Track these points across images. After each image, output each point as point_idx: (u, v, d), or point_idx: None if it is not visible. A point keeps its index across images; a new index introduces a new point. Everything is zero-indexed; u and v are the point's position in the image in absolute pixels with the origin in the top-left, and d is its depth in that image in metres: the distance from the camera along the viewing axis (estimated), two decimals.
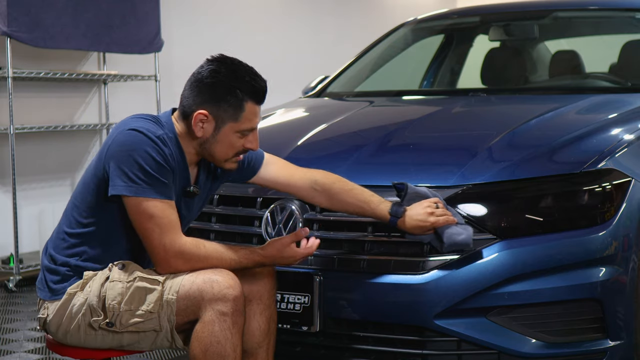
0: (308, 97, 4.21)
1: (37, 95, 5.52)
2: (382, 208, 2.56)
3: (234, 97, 2.35)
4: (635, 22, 4.14)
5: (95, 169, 2.37)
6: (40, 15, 4.99)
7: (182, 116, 2.41)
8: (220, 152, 2.41)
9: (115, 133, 2.34)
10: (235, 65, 2.39)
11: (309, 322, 2.64)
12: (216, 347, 2.24)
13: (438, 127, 3.24)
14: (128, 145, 2.29)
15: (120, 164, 2.28)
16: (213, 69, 2.36)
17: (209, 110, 2.36)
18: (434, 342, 2.55)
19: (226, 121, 2.37)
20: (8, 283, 4.91)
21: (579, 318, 2.56)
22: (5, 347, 3.77)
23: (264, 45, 7.21)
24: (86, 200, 2.39)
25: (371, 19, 8.50)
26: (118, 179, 2.29)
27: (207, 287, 2.26)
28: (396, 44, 4.50)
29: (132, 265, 2.37)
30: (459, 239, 2.49)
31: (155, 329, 2.32)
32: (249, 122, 2.40)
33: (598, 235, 2.56)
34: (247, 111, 2.38)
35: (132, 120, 2.36)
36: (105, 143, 2.37)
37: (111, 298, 2.31)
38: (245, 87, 2.36)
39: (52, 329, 2.40)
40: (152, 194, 2.28)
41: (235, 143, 2.41)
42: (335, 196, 2.60)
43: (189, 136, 2.41)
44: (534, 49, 4.49)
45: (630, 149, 2.77)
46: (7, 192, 5.27)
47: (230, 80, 2.35)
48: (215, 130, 2.38)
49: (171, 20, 6.28)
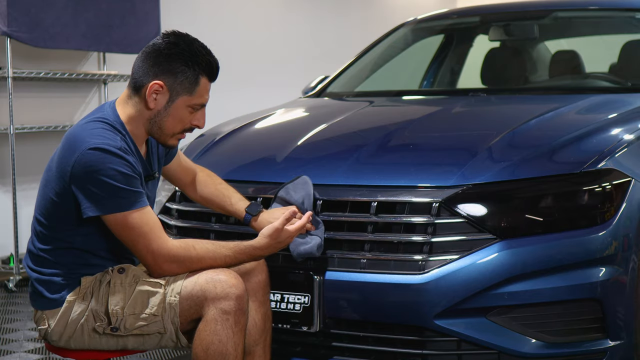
0: (308, 97, 4.21)
1: (37, 95, 5.52)
2: (240, 205, 2.68)
3: (191, 70, 2.35)
4: (635, 22, 4.14)
5: (59, 186, 2.31)
6: (40, 15, 4.99)
7: (134, 89, 2.38)
8: (169, 125, 2.40)
9: (75, 153, 2.26)
10: (191, 40, 2.38)
11: (309, 322, 2.64)
12: (217, 346, 2.24)
13: (438, 127, 3.24)
14: (93, 166, 2.24)
15: (89, 186, 2.25)
16: (170, 41, 2.35)
17: (165, 81, 2.34)
18: (434, 342, 2.55)
19: (180, 94, 2.36)
20: (8, 283, 4.91)
21: (579, 318, 2.56)
22: (5, 347, 3.77)
23: (264, 45, 7.21)
24: (54, 216, 2.35)
25: (371, 19, 8.50)
26: (90, 200, 2.26)
27: (210, 286, 2.27)
28: (396, 44, 4.50)
29: (132, 269, 2.37)
30: (302, 248, 2.58)
31: (159, 331, 2.32)
32: (201, 97, 2.39)
33: (598, 235, 2.56)
34: (201, 86, 2.38)
35: (88, 133, 2.29)
36: (64, 160, 2.29)
37: (114, 303, 2.31)
38: (202, 62, 2.36)
39: (54, 338, 2.38)
40: (127, 208, 2.27)
41: (185, 118, 2.40)
42: (204, 189, 2.73)
43: (138, 115, 2.38)
44: (534, 49, 4.49)
45: (630, 149, 2.77)
46: (7, 192, 5.27)
47: (188, 53, 2.35)
48: (168, 102, 2.37)
49: (171, 20, 6.28)
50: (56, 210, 2.34)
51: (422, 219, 2.58)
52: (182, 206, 2.97)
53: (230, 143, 3.27)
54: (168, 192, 3.08)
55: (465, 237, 2.55)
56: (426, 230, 2.58)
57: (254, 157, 3.00)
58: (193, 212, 2.95)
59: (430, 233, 2.57)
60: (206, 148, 3.22)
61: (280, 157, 2.97)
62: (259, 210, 2.68)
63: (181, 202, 3.00)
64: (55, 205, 2.34)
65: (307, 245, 2.58)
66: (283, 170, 2.89)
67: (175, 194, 3.04)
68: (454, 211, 2.57)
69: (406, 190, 2.65)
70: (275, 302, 2.66)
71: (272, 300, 2.66)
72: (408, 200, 2.62)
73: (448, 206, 2.57)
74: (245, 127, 3.43)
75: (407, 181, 2.69)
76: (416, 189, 2.65)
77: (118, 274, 2.34)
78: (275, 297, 2.66)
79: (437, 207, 2.58)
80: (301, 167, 2.92)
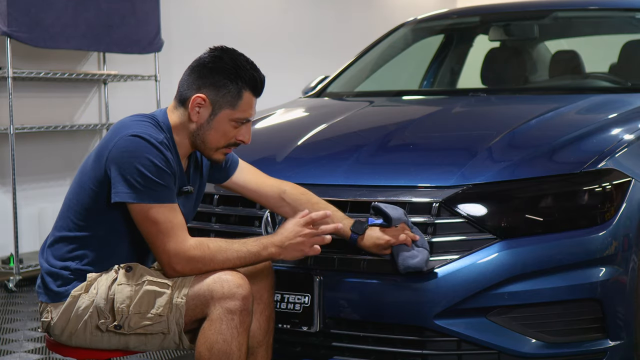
0: (308, 97, 4.21)
1: (37, 95, 5.52)
2: (344, 224, 2.57)
3: (234, 84, 2.36)
4: (635, 22, 4.14)
5: (95, 170, 2.35)
6: (40, 15, 4.99)
7: (179, 101, 2.41)
8: (212, 139, 2.40)
9: (115, 137, 2.32)
10: (237, 55, 2.41)
11: (309, 322, 2.64)
12: (222, 345, 2.25)
13: (438, 127, 3.24)
14: (130, 151, 2.28)
15: (122, 171, 2.28)
16: (215, 55, 2.38)
17: (207, 94, 2.36)
18: (434, 342, 2.55)
19: (223, 107, 2.37)
20: (8, 283, 4.91)
21: (579, 318, 2.56)
22: (5, 347, 3.77)
23: (264, 45, 7.21)
24: (84, 203, 2.37)
25: (371, 19, 8.50)
26: (120, 185, 2.28)
27: (216, 286, 2.27)
28: (396, 44, 4.50)
29: (139, 268, 2.37)
30: (411, 262, 2.50)
31: (163, 331, 2.33)
32: (244, 112, 2.40)
33: (598, 235, 2.56)
34: (244, 100, 2.38)
35: (133, 124, 2.35)
36: (104, 145, 2.35)
37: (120, 301, 2.31)
38: (246, 76, 2.37)
39: (56, 331, 2.39)
40: (155, 200, 2.28)
41: (228, 132, 2.40)
42: (301, 207, 2.57)
43: (183, 126, 2.41)
44: (534, 49, 4.49)
45: (630, 149, 2.77)
46: (7, 192, 5.27)
47: (232, 67, 2.36)
48: (211, 116, 2.38)
49: (171, 20, 6.28)
50: (88, 196, 2.36)
51: (422, 219, 2.59)
52: None
53: None
54: None
55: (466, 237, 2.55)
56: (426, 230, 2.58)
57: (254, 157, 3.00)
58: None
59: (430, 233, 2.57)
60: None
61: (281, 157, 2.97)
62: (364, 227, 2.57)
63: None
64: (86, 187, 2.36)
65: (415, 259, 2.50)
66: (283, 170, 2.89)
67: None
68: (454, 211, 2.57)
69: (406, 190, 2.65)
70: (275, 302, 2.66)
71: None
72: (408, 200, 2.62)
73: (448, 206, 2.57)
74: None
75: (407, 181, 2.69)
76: (416, 189, 2.65)
77: (125, 272, 2.35)
78: (275, 297, 2.66)
79: (437, 207, 2.58)
80: (301, 167, 2.93)
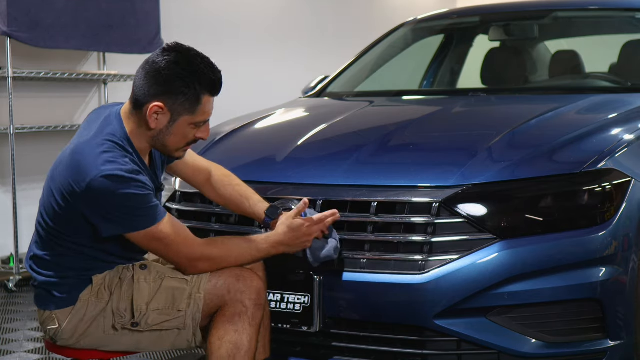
0: (308, 97, 4.21)
1: (37, 95, 5.52)
2: (259, 207, 2.62)
3: (192, 90, 2.29)
4: (635, 22, 4.14)
5: (64, 204, 2.27)
6: (40, 15, 4.99)
7: (135, 106, 2.33)
8: (172, 143, 2.38)
9: (85, 177, 2.21)
10: (192, 56, 2.31)
11: (309, 322, 2.64)
12: (233, 336, 2.30)
13: (438, 127, 3.24)
14: (109, 193, 2.21)
15: (106, 210, 2.24)
16: (170, 60, 2.28)
17: (165, 102, 2.29)
18: (434, 342, 2.55)
19: (182, 114, 2.32)
20: (8, 283, 4.91)
21: (579, 318, 2.56)
22: (5, 347, 3.77)
23: (264, 44, 7.21)
24: (61, 225, 2.33)
25: (371, 19, 8.49)
26: (109, 222, 2.26)
27: (232, 280, 2.34)
28: (396, 44, 4.50)
29: (154, 265, 2.40)
30: (321, 254, 2.55)
31: (179, 327, 2.36)
32: (203, 115, 2.35)
33: (598, 235, 2.56)
34: (203, 104, 2.33)
35: (97, 159, 2.23)
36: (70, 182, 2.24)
37: (139, 299, 2.33)
38: (203, 80, 2.30)
39: (65, 336, 2.37)
40: (150, 224, 2.28)
41: (188, 134, 2.37)
42: (222, 189, 2.67)
43: (141, 132, 2.35)
44: (534, 49, 4.49)
45: (630, 149, 2.77)
46: (7, 192, 5.27)
47: (189, 73, 2.28)
48: (170, 123, 2.33)
49: (171, 20, 6.28)
50: (63, 220, 2.33)
51: (422, 219, 2.58)
52: (182, 206, 2.97)
53: (230, 143, 3.27)
54: (168, 192, 3.08)
55: (465, 237, 2.55)
56: (426, 230, 2.58)
57: (254, 157, 3.00)
58: (193, 212, 2.95)
59: (430, 233, 2.57)
60: (206, 148, 3.22)
61: (280, 157, 2.97)
62: (278, 213, 2.60)
63: (181, 202, 3.00)
64: (61, 216, 2.32)
65: (324, 249, 2.55)
66: (283, 170, 2.89)
67: (176, 194, 3.04)
68: (454, 211, 2.57)
69: (406, 190, 2.65)
70: (275, 302, 2.66)
71: (272, 300, 2.66)
72: (408, 200, 2.62)
73: (448, 206, 2.57)
74: (245, 127, 3.43)
75: (407, 181, 2.69)
76: (416, 189, 2.65)
77: (141, 270, 2.37)
78: (275, 297, 2.66)
79: (437, 207, 2.58)
80: (301, 167, 2.93)
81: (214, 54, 2.43)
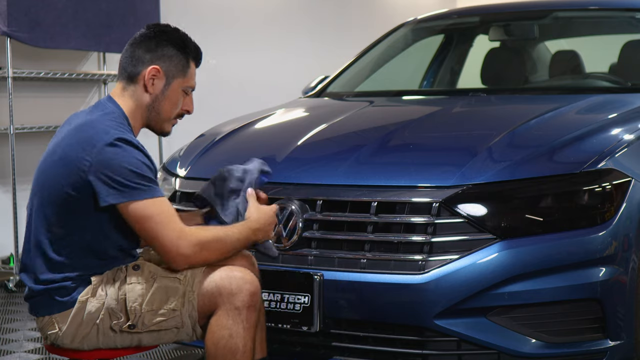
0: (308, 97, 4.21)
1: (37, 95, 5.52)
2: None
3: (183, 54, 2.45)
4: (635, 22, 4.14)
5: (67, 177, 2.30)
6: (40, 15, 4.99)
7: (128, 79, 2.45)
8: (166, 109, 2.46)
9: (95, 143, 2.28)
10: (176, 29, 2.50)
11: (309, 322, 2.64)
12: (227, 341, 2.28)
13: (438, 127, 3.24)
14: (118, 156, 2.27)
15: (111, 175, 2.26)
16: (157, 30, 2.47)
17: (161, 65, 2.43)
18: (434, 342, 2.55)
19: (175, 76, 2.45)
20: (8, 283, 4.91)
21: (579, 318, 2.56)
22: (5, 347, 3.77)
23: (264, 44, 7.21)
24: (61, 211, 2.33)
25: (371, 19, 8.49)
26: (110, 188, 2.27)
27: (225, 282, 2.30)
28: (396, 44, 4.50)
29: (147, 265, 2.38)
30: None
31: (177, 326, 2.35)
32: (191, 80, 2.49)
33: (598, 235, 2.56)
34: (191, 69, 2.48)
35: (104, 127, 2.31)
36: (76, 149, 2.29)
37: (132, 300, 2.31)
38: (189, 46, 2.48)
39: (65, 340, 2.36)
40: (148, 195, 2.28)
41: (179, 101, 2.48)
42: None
43: (137, 107, 2.44)
44: (534, 49, 4.49)
45: (630, 149, 2.77)
46: (7, 192, 5.27)
47: (178, 38, 2.47)
48: (165, 86, 2.44)
49: (171, 20, 6.26)
50: (68, 204, 2.32)
51: (422, 219, 2.59)
52: (182, 206, 2.97)
53: (230, 143, 3.27)
54: (168, 193, 3.08)
55: (465, 237, 2.55)
56: (426, 230, 2.58)
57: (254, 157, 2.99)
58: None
59: (430, 233, 2.57)
60: (206, 148, 3.22)
61: (281, 157, 2.97)
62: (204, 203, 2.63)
63: (181, 202, 3.00)
64: (62, 201, 2.32)
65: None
66: (283, 170, 2.89)
67: (176, 194, 3.04)
68: (454, 211, 2.57)
69: (406, 190, 2.65)
70: (275, 302, 2.66)
71: (272, 300, 2.66)
72: (408, 200, 2.62)
73: (448, 206, 2.57)
74: (245, 127, 3.43)
75: (407, 181, 2.69)
76: (416, 189, 2.65)
77: (133, 271, 2.35)
78: (275, 297, 2.66)
79: (437, 207, 2.58)
80: (301, 167, 2.93)
81: (214, 53, 2.44)
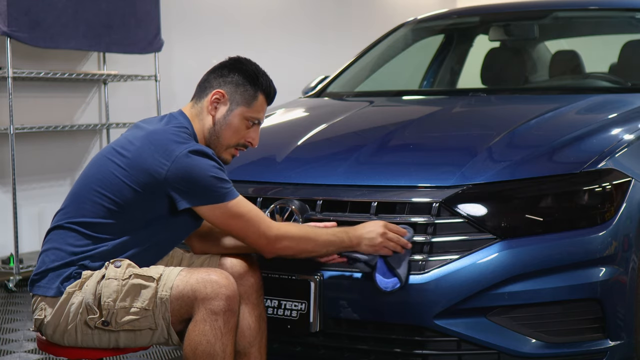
0: (308, 97, 4.21)
1: (37, 95, 5.52)
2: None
3: (252, 86, 2.53)
4: (635, 22, 4.14)
5: (145, 183, 2.36)
6: (40, 15, 4.99)
7: (197, 98, 2.54)
8: (226, 135, 2.52)
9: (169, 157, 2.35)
10: (255, 64, 2.59)
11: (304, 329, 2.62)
12: (205, 347, 2.26)
13: (438, 127, 3.24)
14: (197, 166, 2.36)
15: (196, 183, 2.36)
16: (236, 59, 2.57)
17: (226, 90, 2.51)
18: (434, 342, 2.55)
19: (239, 104, 2.52)
20: (8, 283, 4.92)
21: (579, 318, 2.56)
22: (5, 347, 3.77)
23: (264, 44, 7.21)
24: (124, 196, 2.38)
25: (371, 19, 8.50)
26: (194, 196, 2.36)
27: (200, 286, 2.28)
28: (396, 44, 4.50)
29: (127, 263, 2.37)
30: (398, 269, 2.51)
31: (150, 327, 2.32)
32: (258, 112, 2.55)
33: (598, 235, 2.56)
34: (258, 102, 2.54)
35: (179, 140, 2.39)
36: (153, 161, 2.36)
37: (106, 296, 2.31)
38: (264, 81, 2.56)
39: (48, 330, 2.38)
40: (232, 196, 2.39)
41: (241, 130, 2.53)
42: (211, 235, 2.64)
43: (201, 126, 2.52)
44: (534, 49, 4.49)
45: (630, 149, 2.77)
46: (7, 192, 5.27)
47: (252, 71, 2.55)
48: (228, 112, 2.51)
49: (171, 20, 6.28)
50: (135, 198, 2.39)
51: (422, 219, 2.58)
52: None
53: None
54: None
55: (466, 237, 2.55)
56: (426, 230, 2.58)
57: (254, 157, 3.00)
58: None
59: (430, 233, 2.57)
60: None
61: (281, 157, 2.97)
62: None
63: None
64: (130, 191, 2.38)
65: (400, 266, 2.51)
66: (283, 170, 2.89)
67: None
68: (454, 211, 2.57)
69: (406, 190, 2.65)
70: (272, 308, 2.66)
71: (269, 306, 2.66)
72: (408, 200, 2.62)
73: (448, 206, 2.57)
74: None
75: (407, 181, 2.69)
76: (416, 189, 2.65)
77: (114, 268, 2.35)
78: (273, 303, 2.66)
79: (437, 207, 2.58)
80: (301, 167, 2.93)
81: (214, 53, 2.45)
